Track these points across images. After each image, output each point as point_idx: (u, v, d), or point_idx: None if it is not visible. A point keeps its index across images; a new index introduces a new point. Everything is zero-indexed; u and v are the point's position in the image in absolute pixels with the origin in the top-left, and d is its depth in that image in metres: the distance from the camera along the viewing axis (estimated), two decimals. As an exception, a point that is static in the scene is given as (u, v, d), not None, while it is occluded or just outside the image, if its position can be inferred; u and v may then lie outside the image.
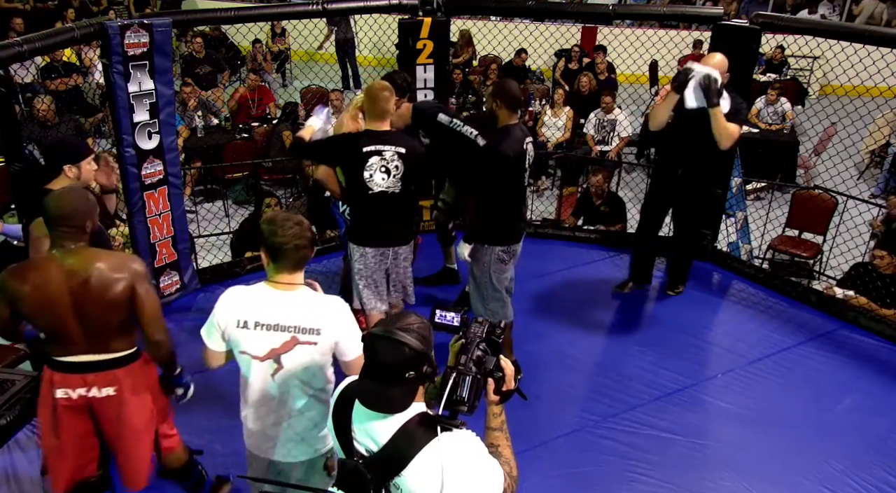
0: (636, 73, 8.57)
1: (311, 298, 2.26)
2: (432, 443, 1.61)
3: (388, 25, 5.62)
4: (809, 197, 5.72)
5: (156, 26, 3.89)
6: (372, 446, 1.67)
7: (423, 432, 1.63)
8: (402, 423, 1.64)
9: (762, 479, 3.25)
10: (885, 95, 5.51)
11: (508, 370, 1.78)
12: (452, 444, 1.62)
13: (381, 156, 3.31)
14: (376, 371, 1.63)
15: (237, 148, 7.01)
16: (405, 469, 1.61)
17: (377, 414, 1.65)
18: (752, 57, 4.66)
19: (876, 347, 4.25)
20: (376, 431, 1.66)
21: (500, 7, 6.11)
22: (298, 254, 2.21)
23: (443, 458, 1.60)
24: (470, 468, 1.62)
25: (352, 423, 1.71)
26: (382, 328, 1.65)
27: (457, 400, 1.65)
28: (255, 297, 2.25)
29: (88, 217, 2.43)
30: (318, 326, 2.22)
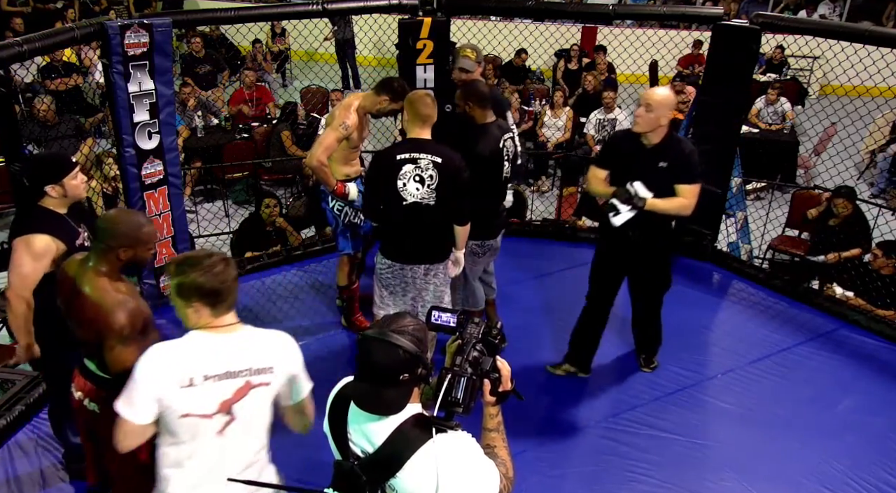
0: (636, 73, 8.56)
1: (256, 334, 2.07)
2: (427, 444, 1.61)
3: (388, 25, 5.62)
4: (809, 197, 5.72)
5: (156, 26, 3.88)
6: (367, 447, 1.66)
7: (418, 433, 1.62)
8: (397, 424, 1.63)
9: (762, 479, 3.25)
10: (885, 95, 5.51)
11: (505, 371, 1.76)
12: (447, 445, 1.62)
13: (416, 164, 3.22)
14: (371, 373, 1.62)
15: (237, 148, 7.01)
16: (400, 471, 1.60)
17: (373, 416, 1.65)
18: (752, 57, 4.66)
19: (876, 347, 4.25)
20: (372, 432, 1.66)
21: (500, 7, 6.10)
22: (236, 291, 2.04)
23: (438, 459, 1.60)
24: (465, 469, 1.62)
25: (347, 424, 1.71)
26: (377, 330, 1.64)
27: (452, 401, 1.64)
28: (196, 349, 1.99)
29: (123, 244, 2.34)
30: (270, 363, 2.04)
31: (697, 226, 5.05)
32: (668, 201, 3.34)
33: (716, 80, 4.74)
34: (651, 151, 3.33)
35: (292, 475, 2.52)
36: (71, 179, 2.80)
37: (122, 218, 2.40)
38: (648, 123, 3.27)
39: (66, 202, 2.85)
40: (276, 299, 4.62)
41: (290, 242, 5.33)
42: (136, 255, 2.39)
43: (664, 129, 3.32)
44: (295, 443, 2.62)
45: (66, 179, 2.79)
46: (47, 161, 2.97)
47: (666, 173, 3.32)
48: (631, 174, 3.35)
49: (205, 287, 1.96)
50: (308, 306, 4.56)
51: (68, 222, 2.84)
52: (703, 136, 4.88)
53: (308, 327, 4.32)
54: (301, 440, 2.49)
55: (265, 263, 4.98)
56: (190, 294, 1.98)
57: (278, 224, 5.30)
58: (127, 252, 2.36)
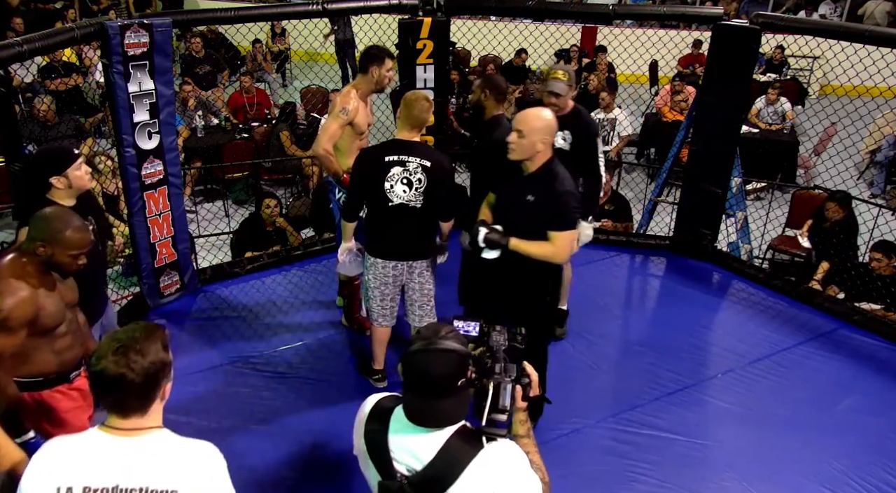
0: (636, 73, 8.57)
1: (167, 446, 1.66)
2: (479, 455, 1.59)
3: (388, 25, 5.62)
4: (809, 197, 5.72)
5: (156, 26, 3.88)
6: (414, 464, 1.62)
7: (468, 445, 1.61)
8: (446, 438, 1.61)
9: (762, 479, 3.25)
10: (885, 95, 5.51)
11: (534, 376, 1.76)
12: (498, 455, 1.62)
13: (405, 167, 3.24)
14: (428, 386, 1.59)
15: (237, 148, 7.01)
16: (453, 485, 1.58)
17: (418, 431, 1.62)
18: (752, 57, 4.66)
19: (876, 347, 4.25)
20: (419, 448, 1.62)
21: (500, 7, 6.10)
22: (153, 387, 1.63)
23: (490, 470, 1.59)
24: (517, 478, 1.61)
25: (388, 443, 1.66)
26: (424, 343, 1.60)
27: (501, 409, 1.65)
28: (85, 450, 1.62)
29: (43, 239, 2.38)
30: (174, 486, 1.61)
31: (697, 226, 5.05)
32: (533, 245, 2.91)
33: (716, 80, 4.74)
34: (525, 180, 2.97)
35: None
36: (75, 170, 2.88)
37: (55, 215, 2.43)
38: (522, 150, 2.88)
39: (73, 194, 2.93)
40: (276, 299, 4.62)
41: (290, 242, 5.34)
42: (54, 255, 2.39)
43: (543, 156, 2.92)
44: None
45: (69, 170, 2.86)
46: (51, 153, 3.04)
47: (532, 209, 2.90)
48: (503, 202, 3.07)
49: (103, 377, 1.60)
50: (308, 305, 4.56)
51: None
52: (703, 136, 4.88)
53: (308, 326, 4.32)
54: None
55: (265, 263, 4.98)
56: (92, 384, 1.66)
57: (278, 224, 5.30)
58: (46, 249, 2.38)
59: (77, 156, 2.94)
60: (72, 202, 2.91)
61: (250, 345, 4.13)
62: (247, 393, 3.71)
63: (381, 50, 3.75)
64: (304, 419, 3.55)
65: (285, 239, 5.32)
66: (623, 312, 4.68)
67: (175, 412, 3.53)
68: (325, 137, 3.71)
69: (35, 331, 2.41)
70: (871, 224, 5.20)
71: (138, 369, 1.59)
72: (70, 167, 2.87)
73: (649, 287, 5.18)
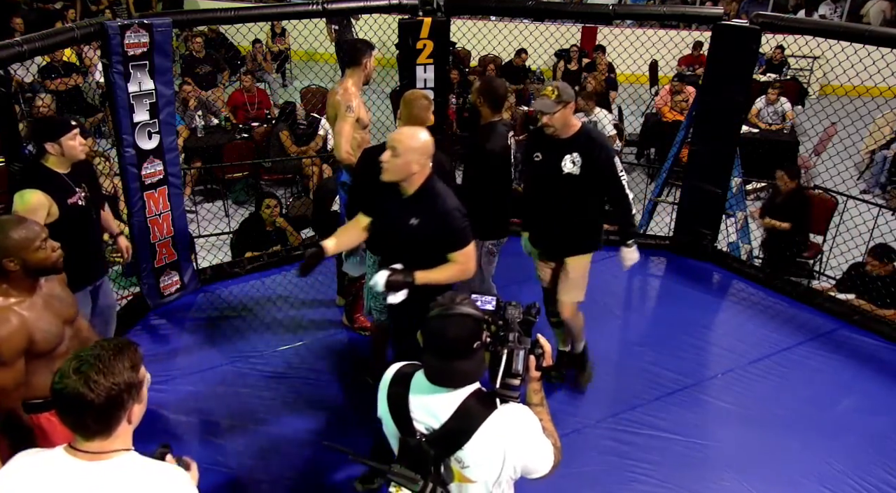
0: (636, 73, 8.56)
1: (128, 472, 1.54)
2: (493, 415, 1.72)
3: (388, 25, 5.62)
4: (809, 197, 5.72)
5: (156, 26, 3.88)
6: (433, 423, 1.74)
7: (482, 405, 1.73)
8: (462, 399, 1.73)
9: (762, 479, 3.25)
10: (885, 95, 5.51)
11: (547, 347, 1.88)
12: (511, 416, 1.74)
13: None
14: (446, 349, 1.71)
15: (237, 148, 7.01)
16: (468, 442, 1.70)
17: (436, 393, 1.74)
18: (752, 57, 4.66)
19: (876, 347, 4.25)
20: (437, 408, 1.74)
21: (500, 7, 6.10)
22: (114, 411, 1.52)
23: (503, 429, 1.71)
24: (528, 437, 1.75)
25: (409, 403, 1.78)
26: (442, 308, 1.72)
27: (514, 373, 1.77)
28: (47, 473, 1.53)
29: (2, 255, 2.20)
30: None
31: (697, 226, 5.05)
32: (439, 272, 2.74)
33: (716, 80, 4.74)
34: (405, 203, 2.74)
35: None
36: (68, 139, 3.02)
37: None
38: (396, 170, 2.65)
39: (65, 161, 3.08)
40: (276, 299, 4.62)
41: (290, 242, 5.34)
42: (25, 261, 2.23)
43: (420, 177, 2.69)
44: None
45: (63, 139, 3.01)
46: (48, 121, 3.18)
47: (418, 233, 2.71)
48: (385, 228, 2.87)
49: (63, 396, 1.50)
50: (308, 305, 4.56)
51: (64, 180, 3.07)
52: (703, 136, 4.88)
53: (308, 326, 4.32)
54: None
55: (265, 263, 4.99)
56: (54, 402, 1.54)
57: (278, 224, 5.30)
58: (12, 261, 2.21)
59: (72, 126, 3.06)
60: (65, 169, 3.08)
61: (250, 345, 4.14)
62: (247, 393, 3.71)
63: (367, 42, 3.97)
64: (304, 418, 3.55)
65: (285, 239, 5.32)
66: (623, 312, 4.68)
67: (175, 412, 3.55)
68: (343, 140, 3.75)
69: (32, 355, 2.27)
70: (872, 224, 5.19)
71: (99, 389, 1.49)
72: (64, 136, 3.01)
73: (649, 287, 5.18)
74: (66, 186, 3.07)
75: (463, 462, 1.73)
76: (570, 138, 3.31)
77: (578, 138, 3.32)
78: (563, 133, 3.29)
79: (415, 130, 2.72)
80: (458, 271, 2.78)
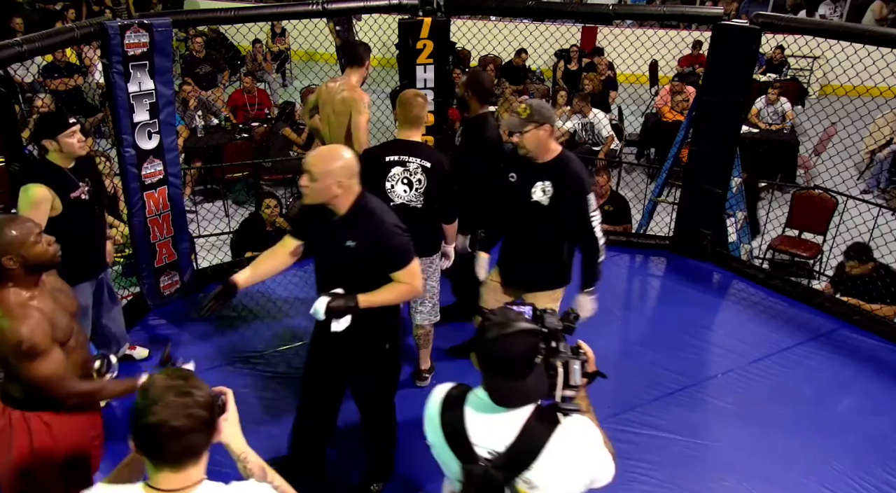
0: (636, 73, 8.57)
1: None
2: (558, 431, 1.67)
3: (389, 25, 5.62)
4: (809, 197, 5.72)
5: (156, 26, 3.88)
6: (496, 446, 1.68)
7: (546, 423, 1.68)
8: (524, 418, 1.68)
9: (762, 479, 3.25)
10: (885, 95, 5.51)
11: (590, 353, 1.85)
12: (577, 430, 1.70)
13: (405, 167, 3.25)
14: (511, 368, 1.66)
15: (237, 148, 7.01)
16: (535, 462, 1.65)
17: (495, 414, 1.68)
18: (752, 57, 4.66)
19: (876, 347, 4.25)
20: (499, 430, 1.69)
21: (500, 7, 6.10)
22: (179, 444, 1.44)
23: (571, 445, 1.68)
24: (595, 450, 1.72)
25: (466, 429, 1.71)
26: (499, 329, 1.66)
27: (573, 386, 1.74)
28: None
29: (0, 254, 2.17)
30: None
31: (697, 226, 5.05)
32: (384, 293, 2.60)
33: (716, 80, 4.74)
34: (339, 224, 2.57)
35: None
36: (66, 136, 3.06)
37: None
38: (315, 195, 2.51)
39: (67, 157, 3.14)
40: (276, 299, 4.62)
41: (290, 242, 5.33)
42: (24, 258, 2.20)
43: (347, 197, 2.53)
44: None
45: (60, 136, 3.06)
46: (49, 118, 3.25)
47: (357, 255, 2.55)
48: (320, 251, 2.71)
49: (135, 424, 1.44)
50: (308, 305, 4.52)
51: (67, 176, 3.14)
52: (703, 136, 4.88)
53: (308, 327, 4.29)
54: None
55: (265, 263, 4.97)
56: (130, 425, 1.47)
57: (278, 224, 5.30)
58: (11, 259, 2.18)
59: (70, 124, 3.10)
60: (67, 164, 3.16)
61: (250, 345, 4.14)
62: (246, 393, 3.71)
63: (367, 45, 4.21)
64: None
65: (285, 239, 5.31)
66: (623, 312, 4.68)
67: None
68: (364, 135, 3.97)
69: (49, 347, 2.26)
70: (872, 224, 5.19)
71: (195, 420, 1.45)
72: (62, 133, 3.06)
73: (649, 287, 5.18)
74: (69, 181, 3.14)
75: (531, 483, 1.67)
76: (545, 164, 3.06)
77: (554, 165, 3.06)
78: (538, 156, 3.04)
79: (332, 151, 2.53)
80: (404, 290, 2.63)
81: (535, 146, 3.01)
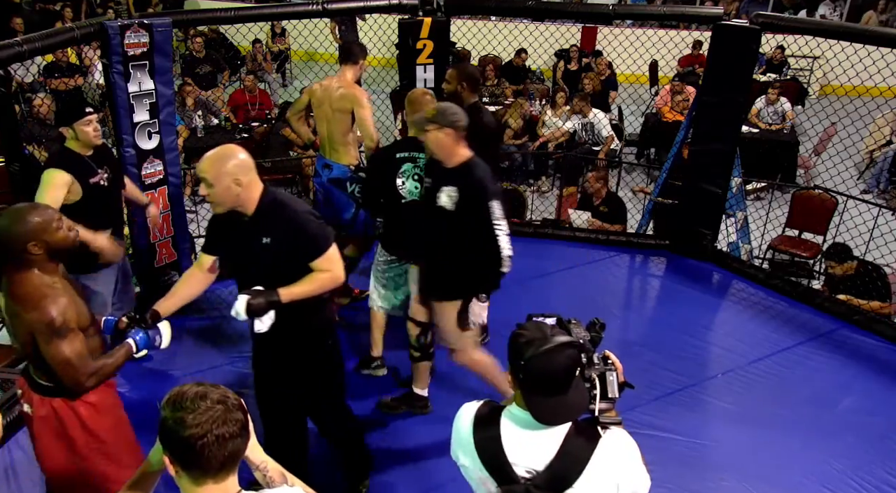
0: (636, 73, 8.57)
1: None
2: (599, 447, 1.64)
3: (389, 25, 5.63)
4: (809, 197, 5.72)
5: (156, 26, 3.88)
6: (535, 465, 1.64)
7: (587, 439, 1.65)
8: (564, 434, 1.64)
9: (762, 479, 3.25)
10: (885, 95, 5.51)
11: (618, 364, 1.81)
12: (617, 444, 1.67)
13: (415, 163, 3.30)
14: (556, 385, 1.61)
15: (237, 148, 7.01)
16: (578, 479, 1.62)
17: (535, 429, 1.63)
18: (752, 57, 4.66)
19: (876, 347, 4.25)
20: (539, 448, 1.65)
21: (500, 7, 6.10)
22: (225, 450, 1.39)
23: (613, 460, 1.65)
24: (635, 463, 1.69)
25: (504, 449, 1.66)
26: (538, 345, 1.60)
27: (611, 398, 1.71)
28: None
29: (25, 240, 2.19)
30: None
31: (697, 226, 5.05)
32: (305, 284, 2.50)
33: (716, 80, 4.74)
34: (250, 224, 2.48)
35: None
36: (82, 125, 3.18)
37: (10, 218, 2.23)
38: (221, 199, 2.41)
39: (84, 145, 3.26)
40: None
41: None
42: (48, 243, 2.22)
43: (250, 194, 2.43)
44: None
45: (76, 124, 3.17)
46: (66, 106, 3.38)
47: (274, 251, 2.46)
48: (237, 258, 2.59)
49: (173, 438, 1.38)
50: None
51: (87, 162, 3.26)
52: (703, 136, 4.88)
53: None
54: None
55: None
56: (164, 442, 1.42)
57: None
58: (37, 245, 2.20)
59: (86, 113, 3.22)
60: (86, 152, 3.29)
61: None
62: (247, 393, 3.68)
63: (362, 45, 4.26)
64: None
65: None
66: (623, 312, 4.68)
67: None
68: (371, 127, 4.04)
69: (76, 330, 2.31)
70: (872, 224, 5.19)
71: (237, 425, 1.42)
72: (77, 121, 3.17)
73: (649, 287, 5.18)
74: (88, 167, 3.26)
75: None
76: (452, 169, 3.00)
77: (460, 171, 2.99)
78: (446, 161, 2.99)
79: (221, 152, 2.42)
80: (326, 279, 2.51)
81: (436, 148, 2.98)
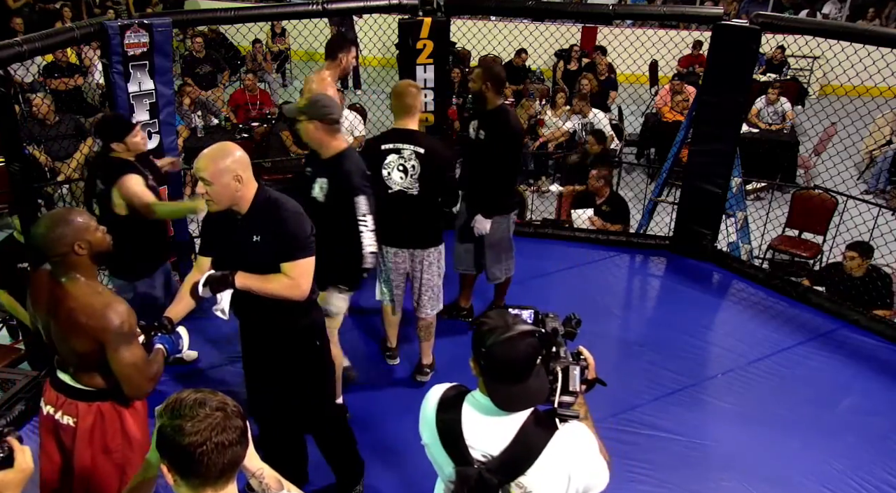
0: (636, 73, 8.57)
1: None
2: (555, 437, 1.66)
3: (388, 25, 5.63)
4: (809, 197, 5.73)
5: (156, 26, 3.88)
6: (491, 449, 1.67)
7: (543, 428, 1.67)
8: (521, 422, 1.67)
9: (762, 479, 3.25)
10: (885, 95, 5.51)
11: (590, 359, 1.83)
12: (573, 436, 1.70)
13: (399, 154, 3.32)
14: (514, 373, 1.63)
15: (237, 148, 7.01)
16: (531, 467, 1.64)
17: (492, 417, 1.67)
18: (752, 57, 4.66)
19: (876, 347, 4.25)
20: (495, 433, 1.67)
21: (500, 7, 6.10)
22: (224, 457, 1.39)
23: (567, 451, 1.66)
24: (591, 457, 1.70)
25: (462, 432, 1.70)
26: (499, 333, 1.63)
27: (572, 392, 1.73)
28: None
29: (72, 241, 2.20)
30: None
31: (697, 226, 5.05)
32: (263, 279, 2.50)
33: (716, 80, 4.73)
34: (243, 222, 2.50)
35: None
36: (132, 137, 3.38)
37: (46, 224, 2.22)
38: (220, 197, 2.42)
39: (132, 153, 3.43)
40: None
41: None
42: (91, 244, 2.23)
43: (246, 192, 2.44)
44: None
45: (127, 138, 3.37)
46: (112, 122, 3.48)
47: (263, 249, 2.48)
48: (230, 258, 2.59)
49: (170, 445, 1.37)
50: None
51: (137, 167, 3.42)
52: (703, 136, 4.88)
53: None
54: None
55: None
56: (162, 450, 1.41)
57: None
58: (81, 246, 2.20)
59: (133, 125, 3.44)
60: (132, 158, 3.43)
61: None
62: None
63: (347, 38, 4.14)
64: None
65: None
66: (623, 312, 4.68)
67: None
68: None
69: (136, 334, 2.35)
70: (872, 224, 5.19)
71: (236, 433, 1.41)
72: (128, 135, 3.36)
73: (649, 287, 5.18)
74: (140, 172, 3.40)
75: (525, 488, 1.66)
76: (325, 160, 3.02)
77: (331, 163, 3.00)
78: (320, 152, 3.01)
79: (215, 150, 2.41)
80: (286, 285, 2.48)
81: (307, 139, 3.02)
